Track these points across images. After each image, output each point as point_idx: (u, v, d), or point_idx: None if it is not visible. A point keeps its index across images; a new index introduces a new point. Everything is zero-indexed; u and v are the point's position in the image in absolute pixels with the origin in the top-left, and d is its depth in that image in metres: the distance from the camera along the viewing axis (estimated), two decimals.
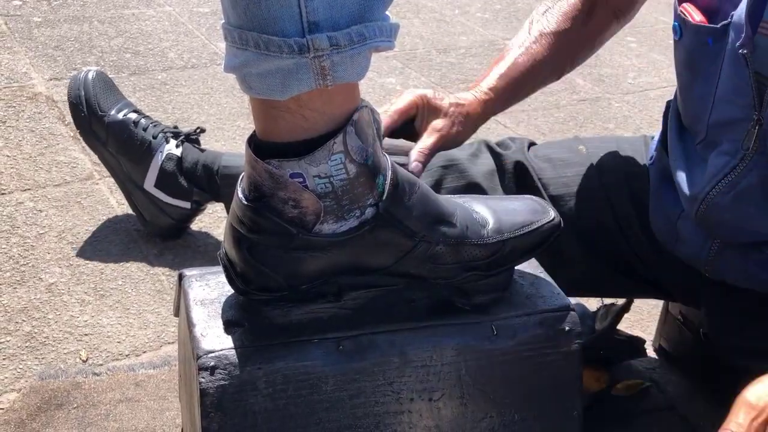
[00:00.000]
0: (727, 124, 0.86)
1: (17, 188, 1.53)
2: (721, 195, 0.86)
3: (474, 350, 0.76)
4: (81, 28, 2.26)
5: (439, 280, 0.76)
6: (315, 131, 0.65)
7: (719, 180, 0.86)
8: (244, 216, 0.68)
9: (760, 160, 0.83)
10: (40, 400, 1.08)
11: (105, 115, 1.41)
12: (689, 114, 0.94)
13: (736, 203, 0.85)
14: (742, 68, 0.81)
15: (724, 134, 0.86)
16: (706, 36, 0.86)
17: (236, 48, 0.63)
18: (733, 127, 0.85)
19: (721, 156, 0.86)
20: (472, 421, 0.77)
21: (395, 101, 0.99)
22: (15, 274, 1.32)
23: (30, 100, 1.85)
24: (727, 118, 0.86)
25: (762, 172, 0.83)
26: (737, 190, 0.85)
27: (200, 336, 0.72)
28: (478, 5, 2.88)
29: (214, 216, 1.53)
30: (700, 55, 0.88)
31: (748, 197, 0.85)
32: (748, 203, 0.85)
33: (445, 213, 0.74)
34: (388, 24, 0.65)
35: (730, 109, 0.85)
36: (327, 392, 0.72)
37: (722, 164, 0.86)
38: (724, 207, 0.86)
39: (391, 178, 0.69)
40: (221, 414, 0.70)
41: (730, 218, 0.86)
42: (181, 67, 2.13)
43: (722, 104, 0.86)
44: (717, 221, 0.89)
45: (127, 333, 1.23)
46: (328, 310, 0.74)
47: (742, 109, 0.83)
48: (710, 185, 0.87)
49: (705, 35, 0.86)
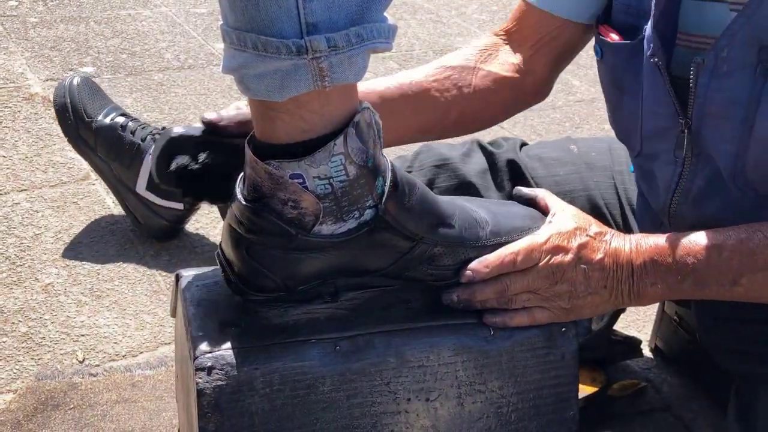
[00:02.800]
0: (658, 135, 0.87)
1: (13, 189, 1.53)
2: (681, 204, 0.88)
3: (471, 350, 0.76)
4: (77, 29, 2.26)
5: (436, 281, 0.76)
6: (314, 132, 0.65)
7: (673, 190, 0.88)
8: (242, 216, 0.68)
9: (698, 163, 0.84)
10: (37, 400, 1.08)
11: (92, 120, 1.40)
12: (622, 130, 0.96)
13: (697, 209, 0.87)
14: (658, 78, 0.83)
15: (658, 144, 0.88)
16: (624, 53, 0.89)
17: (234, 49, 0.63)
18: (664, 137, 0.86)
19: (666, 166, 0.88)
20: (468, 421, 0.77)
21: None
22: (11, 274, 1.32)
23: (26, 100, 1.85)
24: (656, 129, 0.87)
25: (705, 173, 0.84)
26: (692, 197, 0.87)
27: (197, 336, 0.72)
28: (474, 7, 2.89)
29: (210, 216, 1.53)
30: (623, 72, 0.90)
31: (704, 199, 0.86)
32: (708, 204, 0.86)
33: (444, 215, 0.74)
34: (386, 25, 0.65)
35: (657, 120, 0.87)
36: (324, 392, 0.72)
37: (669, 174, 0.88)
38: (688, 215, 0.88)
39: (390, 179, 0.69)
40: (218, 414, 0.70)
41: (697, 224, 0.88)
42: (178, 67, 2.13)
43: (649, 116, 0.88)
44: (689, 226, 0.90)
45: (124, 334, 1.23)
46: (325, 310, 0.74)
47: (666, 118, 0.85)
48: (668, 196, 0.89)
49: (624, 52, 0.89)
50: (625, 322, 1.37)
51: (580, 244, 0.77)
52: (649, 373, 1.25)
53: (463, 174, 1.10)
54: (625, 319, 1.38)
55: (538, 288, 0.77)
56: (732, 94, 0.78)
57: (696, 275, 0.77)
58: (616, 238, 0.79)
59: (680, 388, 1.22)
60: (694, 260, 0.77)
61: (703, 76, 0.78)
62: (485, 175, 1.12)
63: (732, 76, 0.77)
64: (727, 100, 0.78)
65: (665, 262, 0.77)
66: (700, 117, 0.81)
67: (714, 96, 0.79)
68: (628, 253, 0.78)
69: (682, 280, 0.77)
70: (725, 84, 0.78)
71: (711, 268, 0.77)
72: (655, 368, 1.26)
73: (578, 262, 0.77)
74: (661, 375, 1.24)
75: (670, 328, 1.24)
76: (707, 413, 1.17)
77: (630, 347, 1.22)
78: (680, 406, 1.19)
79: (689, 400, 1.20)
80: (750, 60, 0.76)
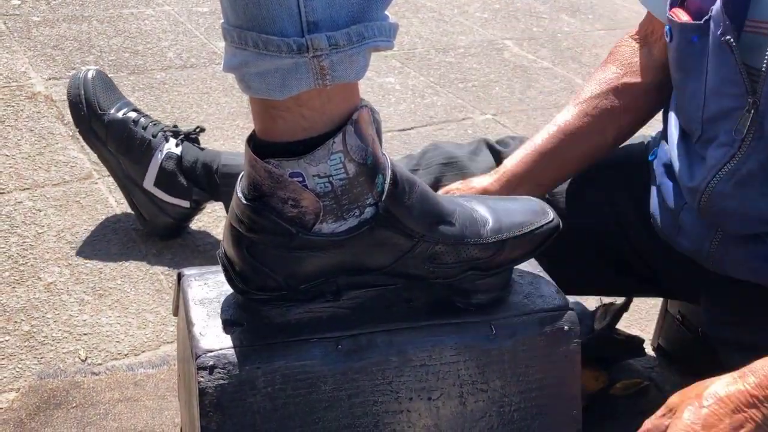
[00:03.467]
0: (720, 117, 0.87)
1: (16, 187, 1.53)
2: (722, 184, 0.87)
3: (473, 349, 0.76)
4: (80, 28, 2.26)
5: (438, 279, 0.76)
6: (314, 131, 0.65)
7: (719, 170, 0.87)
8: (243, 215, 0.68)
9: (758, 146, 0.84)
10: (39, 399, 1.08)
11: (104, 114, 1.41)
12: (685, 114, 0.95)
13: (738, 190, 0.86)
14: (727, 58, 0.83)
15: (720, 126, 0.87)
16: (691, 33, 0.89)
17: (235, 48, 0.63)
18: (728, 118, 0.86)
19: (720, 147, 0.87)
20: (470, 420, 0.77)
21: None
22: (14, 273, 1.32)
23: (29, 99, 1.85)
24: (719, 111, 0.87)
25: (761, 156, 0.84)
26: (737, 178, 0.86)
27: (199, 335, 0.72)
28: (477, 5, 2.88)
29: (213, 215, 1.53)
30: (688, 54, 0.90)
31: (749, 183, 0.85)
32: (750, 189, 0.85)
33: (444, 212, 0.74)
34: (387, 24, 0.65)
35: (722, 101, 0.86)
36: (326, 392, 0.72)
37: (721, 155, 0.87)
38: (726, 195, 0.87)
39: (390, 177, 0.69)
40: (220, 413, 0.70)
41: (732, 206, 0.87)
42: (180, 66, 2.13)
43: (713, 98, 0.87)
44: (719, 210, 0.89)
45: (126, 332, 1.23)
46: (327, 309, 0.74)
47: (734, 98, 0.85)
48: (711, 175, 0.88)
49: (690, 33, 0.89)
50: (627, 321, 1.37)
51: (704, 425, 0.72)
52: (652, 373, 1.24)
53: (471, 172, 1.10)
54: (628, 318, 1.38)
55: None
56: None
57: None
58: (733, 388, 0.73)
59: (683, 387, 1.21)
60: None
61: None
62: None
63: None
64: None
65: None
66: (766, 99, 0.81)
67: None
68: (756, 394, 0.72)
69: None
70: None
71: None
72: (657, 367, 1.26)
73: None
74: (663, 374, 1.24)
75: (672, 327, 1.23)
76: None
77: (633, 346, 1.22)
78: None
79: None
80: None
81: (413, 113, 2.04)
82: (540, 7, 2.94)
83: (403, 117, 2.02)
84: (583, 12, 2.95)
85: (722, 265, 0.93)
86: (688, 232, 0.96)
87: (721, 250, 0.92)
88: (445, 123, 2.01)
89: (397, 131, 1.95)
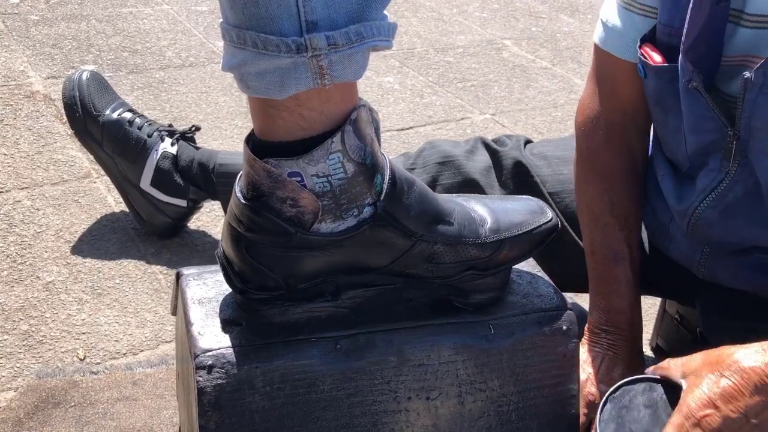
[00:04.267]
0: (704, 151, 0.88)
1: (14, 186, 1.53)
2: (709, 209, 0.88)
3: (471, 349, 0.76)
4: (78, 27, 2.26)
5: (436, 279, 0.76)
6: (313, 130, 0.65)
7: (707, 195, 0.88)
8: (242, 215, 0.68)
9: (743, 172, 0.85)
10: (38, 398, 1.08)
11: (100, 114, 1.41)
12: (669, 148, 0.96)
13: (723, 217, 0.88)
14: (698, 100, 0.84)
15: (705, 157, 0.88)
16: (664, 75, 0.89)
17: (234, 47, 0.63)
18: (713, 149, 0.87)
19: (709, 173, 0.88)
20: (469, 419, 0.77)
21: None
22: (12, 272, 1.32)
23: (27, 98, 1.85)
24: (702, 145, 0.88)
25: (746, 183, 0.85)
26: (724, 204, 0.88)
27: (198, 335, 0.72)
28: (476, 4, 2.88)
29: (211, 215, 1.53)
30: (665, 94, 0.91)
31: (734, 209, 0.87)
32: (735, 215, 0.87)
33: (443, 212, 0.74)
34: (386, 23, 0.65)
35: (702, 136, 0.87)
36: (324, 391, 0.72)
37: (709, 180, 0.89)
38: (712, 222, 0.89)
39: (389, 177, 0.69)
40: (219, 412, 0.70)
41: (718, 233, 0.88)
42: (179, 65, 2.13)
43: (692, 135, 0.88)
44: (706, 234, 0.90)
45: (125, 332, 1.23)
46: (326, 309, 0.74)
47: (713, 132, 0.86)
48: (698, 200, 0.89)
49: (665, 75, 0.89)
50: None
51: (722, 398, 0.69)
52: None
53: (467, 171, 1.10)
54: None
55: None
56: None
57: None
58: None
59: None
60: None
61: (750, 91, 0.80)
62: (489, 173, 1.12)
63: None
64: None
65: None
66: (747, 130, 0.82)
67: (761, 111, 0.80)
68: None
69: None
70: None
71: None
72: None
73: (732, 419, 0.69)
74: None
75: (671, 326, 1.24)
76: None
77: None
78: None
79: None
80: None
81: (412, 113, 2.04)
82: (539, 7, 2.94)
83: (402, 116, 2.02)
84: (582, 12, 2.95)
85: (713, 275, 0.93)
86: (679, 243, 0.96)
87: (711, 262, 0.92)
88: (443, 123, 2.01)
89: (396, 131, 1.95)
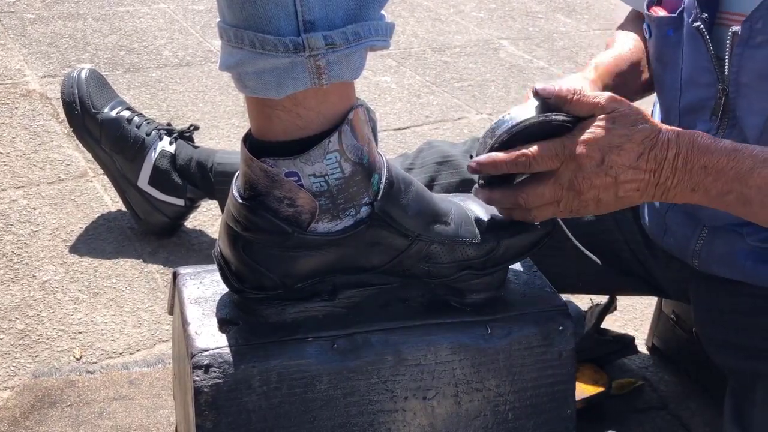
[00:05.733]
0: (696, 108, 0.89)
1: (11, 186, 1.53)
2: None
3: (468, 349, 0.76)
4: (75, 25, 2.25)
5: (433, 279, 0.76)
6: (310, 130, 0.65)
7: None
8: (239, 214, 0.68)
9: (732, 133, 0.86)
10: (34, 398, 1.08)
11: (98, 113, 1.41)
12: (664, 105, 0.97)
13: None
14: (700, 45, 0.85)
15: (696, 118, 0.89)
16: (666, 27, 0.91)
17: (232, 47, 0.63)
18: (703, 108, 0.88)
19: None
20: (465, 419, 0.77)
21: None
22: (8, 271, 1.32)
23: (24, 97, 1.84)
24: (694, 100, 0.89)
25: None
26: None
27: (194, 334, 0.72)
28: (473, 4, 2.89)
29: (208, 214, 1.53)
30: (664, 46, 0.92)
31: None
32: None
33: (440, 212, 0.74)
34: (384, 23, 0.65)
35: (697, 91, 0.88)
36: (321, 391, 0.72)
37: None
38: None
39: (386, 177, 0.69)
40: (215, 412, 0.70)
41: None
42: (176, 64, 2.12)
43: (689, 87, 0.89)
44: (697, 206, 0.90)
45: (121, 331, 1.23)
46: (323, 308, 0.74)
47: (706, 88, 0.86)
48: None
49: (665, 26, 0.91)
50: (622, 321, 1.38)
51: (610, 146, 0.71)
52: (647, 372, 1.25)
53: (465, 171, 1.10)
54: (622, 318, 1.38)
55: (560, 198, 0.73)
56: (763, 65, 0.80)
57: (744, 191, 0.72)
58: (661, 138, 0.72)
59: (677, 386, 1.22)
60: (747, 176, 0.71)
61: (738, 46, 0.81)
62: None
63: (765, 47, 0.80)
64: (758, 72, 0.81)
65: (715, 170, 0.72)
66: (735, 85, 0.83)
67: (746, 65, 0.81)
68: (673, 155, 0.72)
69: (727, 193, 0.72)
70: (758, 55, 0.80)
71: (764, 188, 0.71)
72: (652, 367, 1.26)
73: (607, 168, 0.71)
74: (658, 373, 1.24)
75: (667, 326, 1.24)
76: (704, 411, 1.17)
77: (623, 345, 1.22)
78: (677, 404, 1.19)
79: (686, 398, 1.20)
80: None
81: (409, 113, 2.04)
82: (536, 7, 2.94)
83: (399, 116, 2.02)
84: (579, 12, 2.95)
85: (708, 265, 0.94)
86: (674, 232, 0.97)
87: (707, 249, 0.92)
88: (440, 122, 2.02)
89: (393, 130, 1.95)
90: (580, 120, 0.73)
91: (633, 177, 0.72)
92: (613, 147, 0.71)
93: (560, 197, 0.73)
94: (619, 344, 1.21)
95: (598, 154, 0.71)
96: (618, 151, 0.71)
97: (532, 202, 0.73)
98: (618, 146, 0.71)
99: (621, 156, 0.71)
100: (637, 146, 0.72)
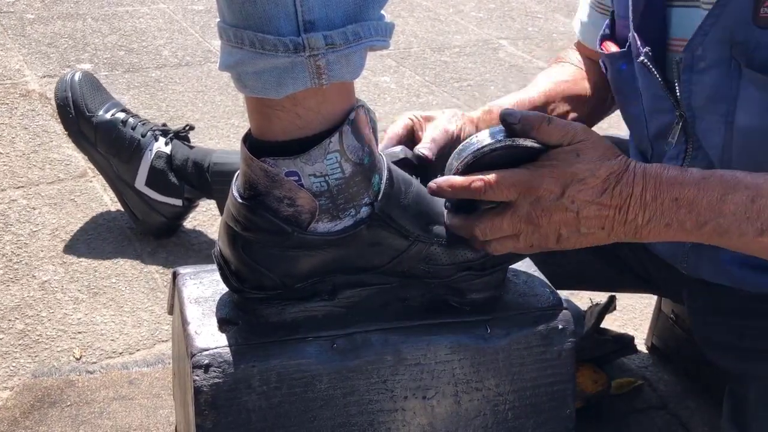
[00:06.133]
0: (665, 133, 0.89)
1: (10, 186, 1.53)
2: None
3: (468, 348, 0.76)
4: (74, 26, 2.25)
5: (433, 279, 0.76)
6: (310, 130, 0.65)
7: None
8: (239, 214, 0.68)
9: (698, 155, 0.86)
10: (34, 398, 1.08)
11: (93, 115, 1.41)
12: (634, 134, 0.98)
13: None
14: (650, 76, 0.85)
15: (666, 143, 0.89)
16: (618, 62, 0.91)
17: (231, 46, 0.63)
18: (668, 133, 0.88)
19: (669, 161, 0.89)
20: (465, 419, 0.77)
21: (390, 128, 0.94)
22: (8, 271, 1.32)
23: (23, 97, 1.85)
24: (662, 127, 0.89)
25: (701, 165, 0.85)
26: None
27: (194, 334, 0.72)
28: (472, 4, 2.89)
29: (208, 214, 1.53)
30: (620, 81, 0.93)
31: None
32: None
33: (440, 213, 0.74)
34: (384, 23, 0.65)
35: (661, 117, 0.88)
36: (321, 390, 0.72)
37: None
38: None
39: (387, 177, 0.69)
40: (215, 412, 0.70)
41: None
42: (175, 64, 2.13)
43: (653, 115, 0.90)
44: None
45: (121, 331, 1.23)
46: (323, 308, 0.74)
47: (667, 114, 0.87)
48: None
49: (618, 61, 0.91)
50: (621, 320, 1.38)
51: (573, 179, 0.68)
52: (646, 371, 1.25)
53: None
54: (621, 317, 1.38)
55: (519, 232, 0.70)
56: (712, 89, 0.80)
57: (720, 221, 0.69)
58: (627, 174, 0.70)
59: (677, 385, 1.22)
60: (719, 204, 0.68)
61: (684, 72, 0.81)
62: None
63: (709, 72, 0.80)
64: (707, 95, 0.81)
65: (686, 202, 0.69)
66: (690, 110, 0.84)
67: (695, 90, 0.82)
68: (640, 191, 0.69)
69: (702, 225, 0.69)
70: (704, 80, 0.80)
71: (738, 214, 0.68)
72: (651, 366, 1.26)
73: (568, 203, 0.68)
74: (657, 373, 1.24)
75: (666, 326, 1.24)
76: (703, 411, 1.18)
77: (622, 344, 1.22)
78: (677, 403, 1.19)
79: (686, 397, 1.20)
80: (724, 56, 0.78)
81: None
82: (535, 7, 2.94)
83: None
84: None
85: (696, 270, 0.94)
86: None
87: (694, 255, 0.93)
88: None
89: None
90: (550, 148, 0.70)
91: (596, 213, 0.69)
92: (575, 180, 0.68)
93: (519, 230, 0.70)
94: (619, 344, 1.22)
95: (558, 188, 0.68)
96: (580, 185, 0.68)
97: (490, 234, 0.70)
98: (581, 180, 0.68)
99: (583, 191, 0.68)
100: (602, 182, 0.68)
